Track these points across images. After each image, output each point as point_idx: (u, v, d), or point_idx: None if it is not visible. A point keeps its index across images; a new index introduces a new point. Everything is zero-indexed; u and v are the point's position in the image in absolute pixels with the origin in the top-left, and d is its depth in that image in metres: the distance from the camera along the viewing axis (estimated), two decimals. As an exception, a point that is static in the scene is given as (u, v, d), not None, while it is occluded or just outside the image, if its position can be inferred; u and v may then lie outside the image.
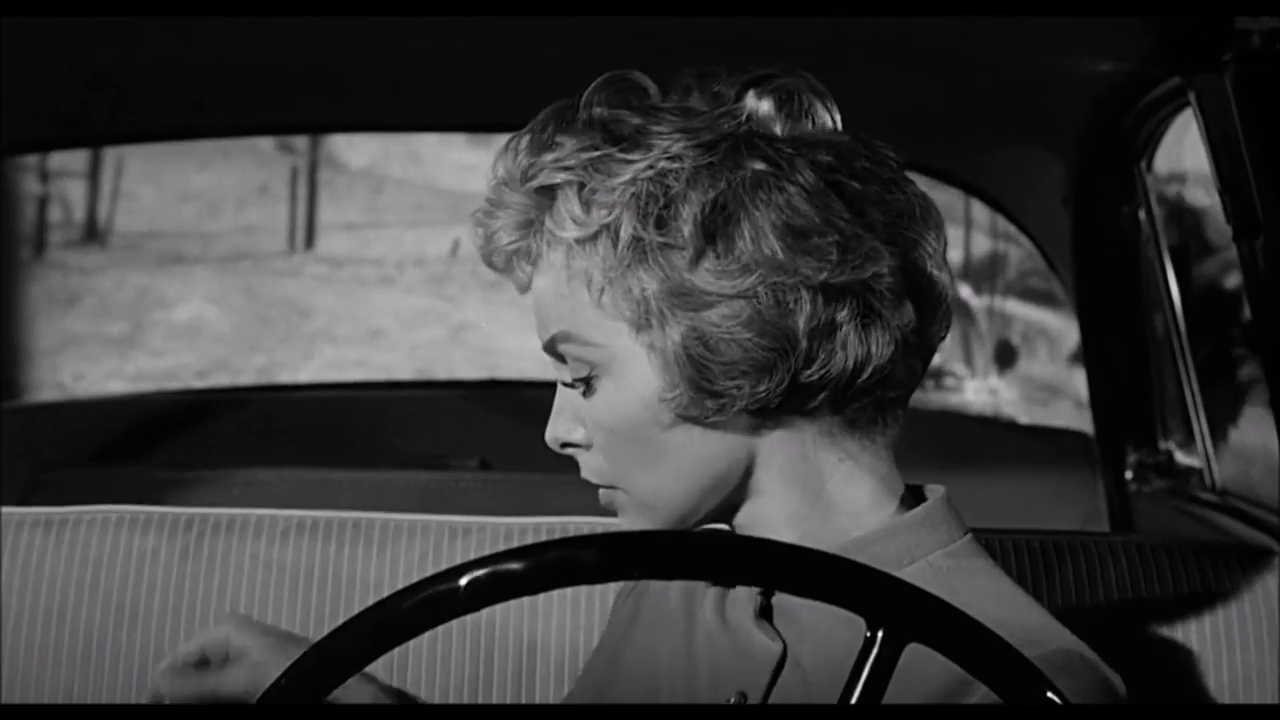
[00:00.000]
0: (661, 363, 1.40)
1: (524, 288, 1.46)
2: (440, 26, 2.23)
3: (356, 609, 1.68)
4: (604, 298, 1.40)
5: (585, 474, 1.47)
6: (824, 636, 1.44)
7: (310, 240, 18.40)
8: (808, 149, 1.41)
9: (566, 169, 1.40)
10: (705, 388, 1.40)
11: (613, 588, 1.84)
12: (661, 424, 1.42)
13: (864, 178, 1.42)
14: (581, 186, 1.40)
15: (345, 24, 2.19)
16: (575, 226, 1.40)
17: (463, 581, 1.17)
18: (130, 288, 16.29)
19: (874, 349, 1.41)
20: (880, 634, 1.19)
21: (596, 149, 1.40)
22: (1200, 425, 2.65)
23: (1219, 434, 2.66)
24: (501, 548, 1.58)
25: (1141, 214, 2.67)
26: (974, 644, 1.22)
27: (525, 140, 1.43)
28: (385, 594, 1.20)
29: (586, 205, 1.39)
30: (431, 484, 2.82)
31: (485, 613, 1.80)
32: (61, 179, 17.38)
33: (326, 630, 1.25)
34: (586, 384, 1.43)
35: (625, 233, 1.39)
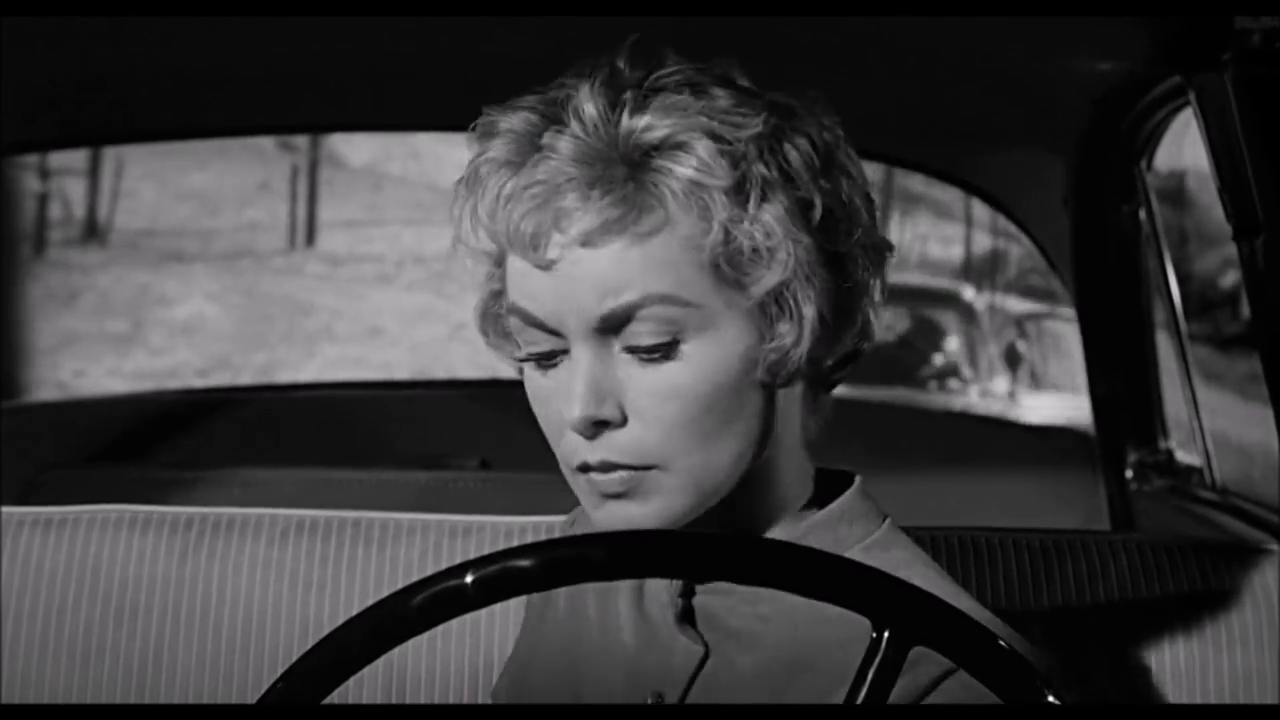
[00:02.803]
0: (763, 319, 1.39)
1: (588, 256, 1.38)
2: (440, 26, 2.23)
3: (356, 609, 1.69)
4: (715, 254, 1.37)
5: (613, 455, 1.39)
6: (749, 637, 1.44)
7: (310, 238, 18.43)
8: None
9: (694, 125, 1.37)
10: (806, 347, 1.40)
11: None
12: (748, 382, 1.40)
13: None
14: (716, 138, 1.37)
15: (345, 24, 2.19)
16: (711, 177, 1.37)
17: (470, 578, 1.17)
18: (130, 285, 16.31)
19: (877, 317, 1.46)
20: (886, 635, 1.20)
21: (715, 102, 1.38)
22: (1200, 424, 2.65)
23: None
24: (502, 547, 1.57)
25: (1141, 213, 2.67)
26: (976, 646, 1.22)
27: (601, 107, 1.38)
28: (385, 594, 1.20)
29: (720, 157, 1.37)
30: (431, 483, 2.83)
31: (485, 612, 1.81)
32: (62, 177, 17.40)
33: (326, 630, 1.25)
34: (666, 350, 1.39)
35: (755, 186, 1.38)
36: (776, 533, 1.46)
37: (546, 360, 1.41)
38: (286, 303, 16.26)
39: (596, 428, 1.39)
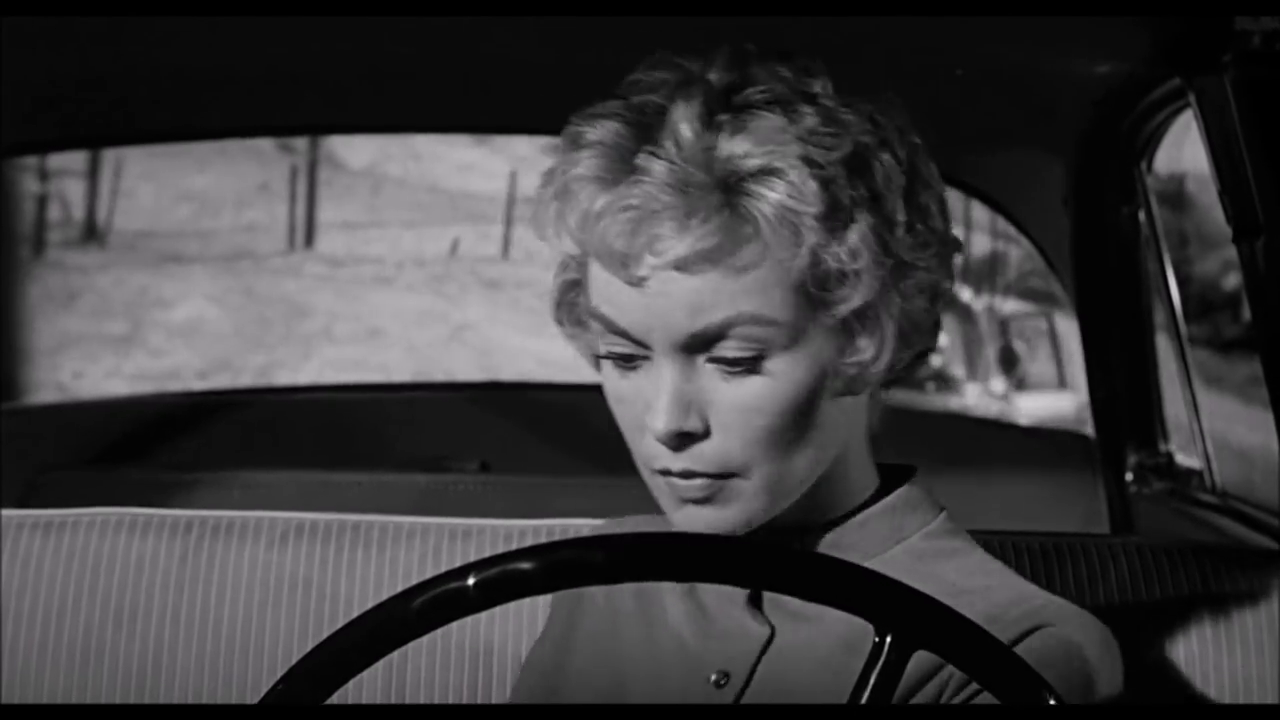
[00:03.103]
0: (844, 334, 1.41)
1: (687, 281, 1.39)
2: (440, 27, 2.23)
3: (356, 611, 1.67)
4: (803, 276, 1.39)
5: (696, 464, 1.41)
6: (814, 618, 1.46)
7: (310, 239, 18.44)
8: None
9: (788, 151, 1.38)
10: (886, 360, 1.43)
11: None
12: (827, 395, 1.42)
13: None
14: (809, 162, 1.38)
15: (345, 25, 2.19)
16: (803, 204, 1.38)
17: (471, 580, 1.17)
18: (129, 287, 16.32)
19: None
20: (889, 639, 1.20)
21: (804, 122, 1.39)
22: (1200, 427, 2.65)
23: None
24: (502, 550, 1.57)
25: (1141, 215, 2.67)
26: (979, 650, 1.23)
27: (696, 131, 1.38)
28: (384, 597, 1.20)
29: (811, 180, 1.38)
30: (431, 486, 2.82)
31: (486, 613, 1.80)
32: (61, 178, 17.42)
33: (325, 634, 1.25)
34: (751, 365, 1.40)
35: (843, 209, 1.39)
36: (843, 525, 1.49)
37: (627, 363, 1.43)
38: (286, 304, 16.28)
39: (681, 439, 1.40)
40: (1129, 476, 2.83)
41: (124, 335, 15.43)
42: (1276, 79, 1.86)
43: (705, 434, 1.41)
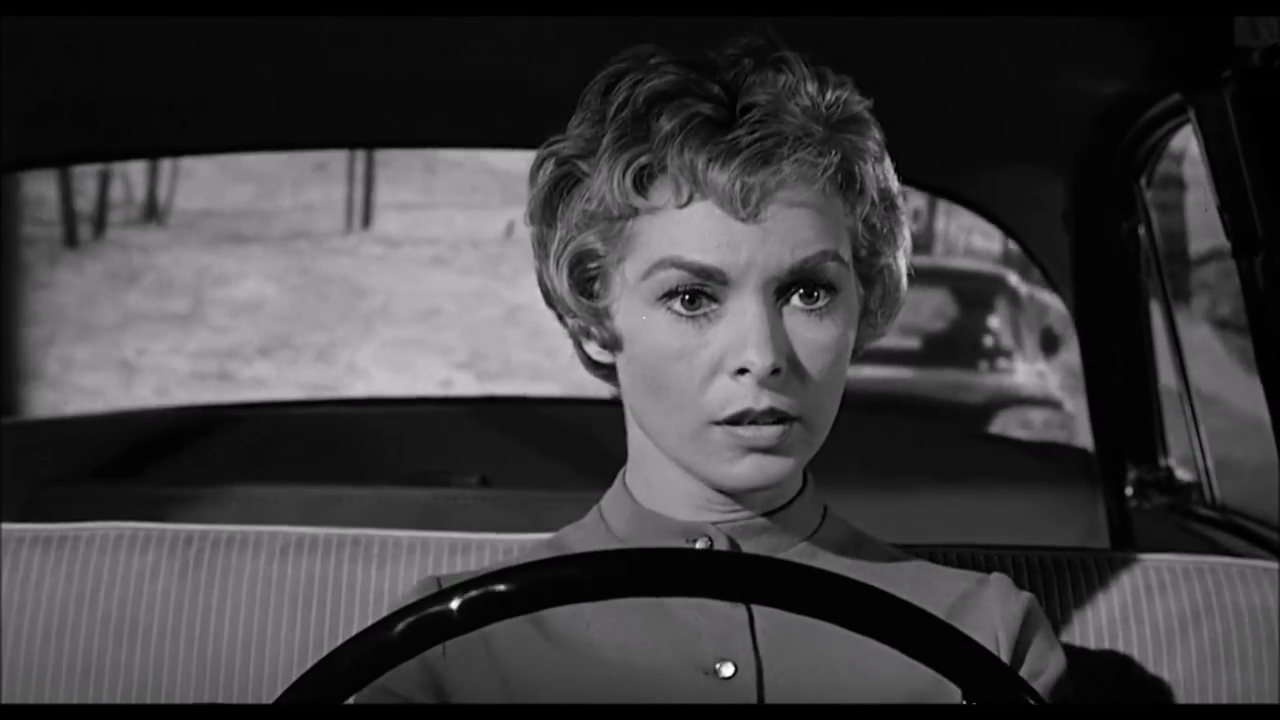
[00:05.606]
0: (877, 281, 1.52)
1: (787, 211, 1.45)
2: (479, 44, 2.24)
3: (356, 627, 1.69)
4: (865, 219, 1.48)
5: (779, 404, 1.44)
6: None
7: (367, 220, 18.46)
8: None
9: (864, 101, 1.50)
10: (891, 309, 1.54)
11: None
12: (851, 347, 1.50)
13: None
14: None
15: (369, 37, 2.20)
16: (882, 154, 1.49)
17: (454, 603, 1.19)
18: (190, 265, 16.37)
19: None
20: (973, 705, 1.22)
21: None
22: (1200, 441, 2.65)
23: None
24: (502, 564, 1.58)
25: (1141, 230, 2.67)
26: (967, 660, 1.24)
27: (812, 79, 1.48)
28: (385, 611, 1.21)
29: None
30: (431, 501, 2.81)
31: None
32: (122, 158, 17.48)
33: (326, 648, 1.26)
34: (824, 308, 1.46)
35: (889, 157, 1.51)
36: (797, 500, 1.55)
37: (692, 307, 1.45)
38: (343, 283, 16.33)
39: (774, 376, 1.43)
40: (1129, 491, 2.82)
41: (186, 313, 15.50)
42: (1276, 96, 1.86)
43: (789, 373, 1.44)
